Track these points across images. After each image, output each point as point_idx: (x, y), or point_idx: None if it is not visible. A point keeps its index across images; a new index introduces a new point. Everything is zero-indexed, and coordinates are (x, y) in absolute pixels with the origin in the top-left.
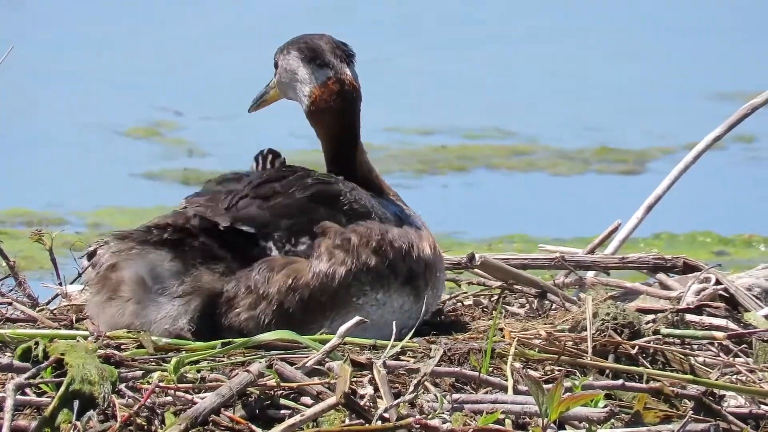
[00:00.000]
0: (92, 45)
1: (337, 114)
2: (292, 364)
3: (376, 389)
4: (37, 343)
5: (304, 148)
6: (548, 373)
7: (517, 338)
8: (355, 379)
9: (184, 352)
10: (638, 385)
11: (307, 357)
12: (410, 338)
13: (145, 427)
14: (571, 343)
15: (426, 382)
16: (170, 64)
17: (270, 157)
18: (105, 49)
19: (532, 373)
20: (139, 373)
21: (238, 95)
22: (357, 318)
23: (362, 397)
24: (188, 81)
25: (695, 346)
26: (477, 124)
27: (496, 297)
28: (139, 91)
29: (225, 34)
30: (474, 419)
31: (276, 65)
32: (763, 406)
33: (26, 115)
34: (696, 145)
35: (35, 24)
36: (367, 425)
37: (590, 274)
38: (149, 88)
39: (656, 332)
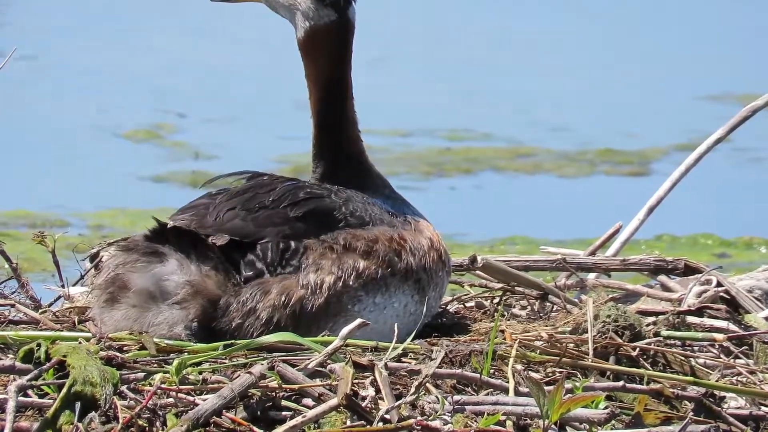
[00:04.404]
0: (94, 46)
1: (332, 56)
2: (293, 365)
3: (378, 391)
4: (39, 345)
5: (303, 151)
6: (549, 374)
7: (518, 340)
8: (356, 380)
9: (186, 353)
10: (639, 386)
11: (308, 359)
12: (412, 340)
13: (147, 428)
14: (572, 344)
15: (427, 384)
16: (172, 66)
17: None
18: (107, 51)
19: (533, 374)
20: (141, 374)
21: (239, 98)
22: (359, 320)
23: (364, 398)
24: (190, 83)
25: (696, 348)
26: (481, 127)
27: (497, 299)
28: (141, 93)
29: (227, 36)
30: (475, 421)
31: None
32: (763, 408)
33: (29, 116)
34: (698, 146)
35: (36, 25)
36: (368, 427)
37: (591, 276)
38: (150, 90)
39: (657, 334)
